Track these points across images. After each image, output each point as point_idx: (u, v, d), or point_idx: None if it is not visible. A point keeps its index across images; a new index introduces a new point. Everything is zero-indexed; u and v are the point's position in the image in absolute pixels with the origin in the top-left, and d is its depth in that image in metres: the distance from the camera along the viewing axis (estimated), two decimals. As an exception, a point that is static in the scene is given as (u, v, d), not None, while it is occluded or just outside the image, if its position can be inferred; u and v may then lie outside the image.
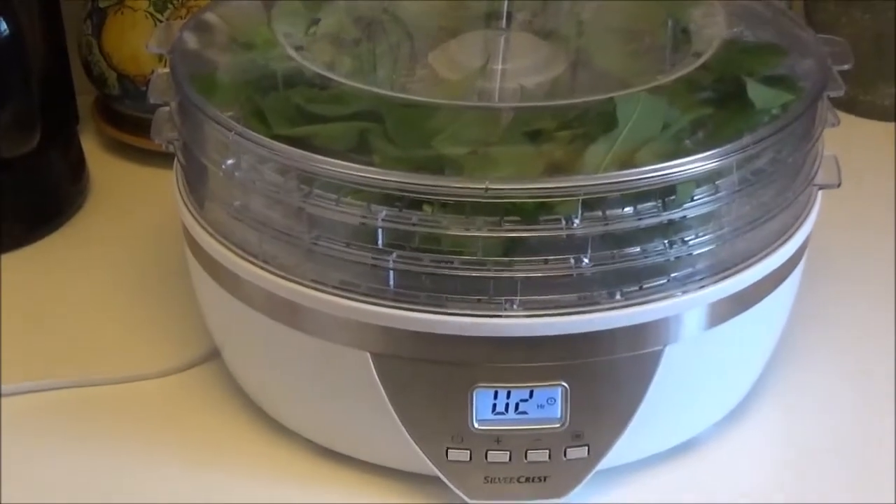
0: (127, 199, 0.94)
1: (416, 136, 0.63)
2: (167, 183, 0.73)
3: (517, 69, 0.72)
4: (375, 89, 0.67)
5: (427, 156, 0.62)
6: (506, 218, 0.60)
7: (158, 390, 0.75)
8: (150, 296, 0.82)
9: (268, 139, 0.62)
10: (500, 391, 0.63)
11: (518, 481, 0.65)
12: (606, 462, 0.65)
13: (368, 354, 0.63)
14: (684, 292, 0.63)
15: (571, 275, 0.61)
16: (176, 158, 0.72)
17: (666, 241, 0.62)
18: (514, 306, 0.61)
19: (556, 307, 0.61)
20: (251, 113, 0.65)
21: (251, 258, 0.65)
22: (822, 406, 0.74)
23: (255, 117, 0.65)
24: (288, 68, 0.69)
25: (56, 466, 0.69)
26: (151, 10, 0.93)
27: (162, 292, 0.82)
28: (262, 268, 0.64)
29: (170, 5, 0.93)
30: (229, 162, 0.65)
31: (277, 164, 0.63)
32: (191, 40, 0.73)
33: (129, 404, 0.74)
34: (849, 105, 1.00)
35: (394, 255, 0.61)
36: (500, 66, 0.72)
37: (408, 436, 0.64)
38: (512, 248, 0.61)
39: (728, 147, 0.62)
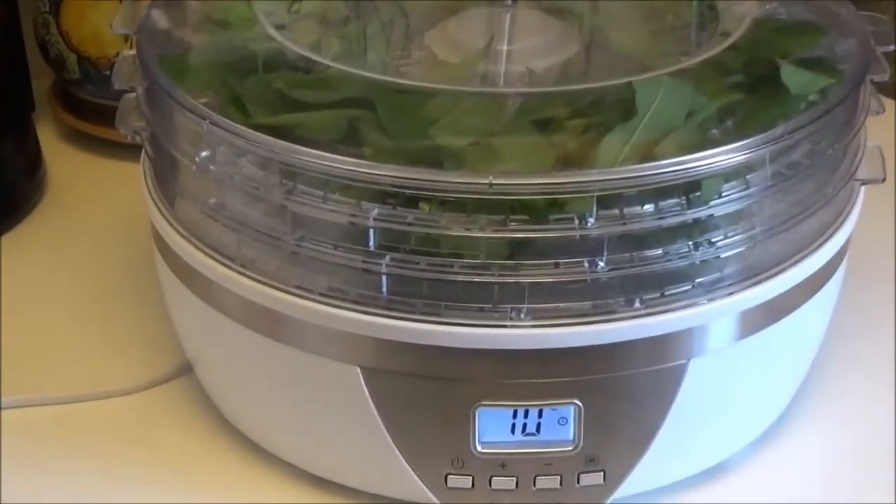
0: (88, 196, 0.94)
1: (412, 126, 0.63)
2: (133, 178, 0.73)
3: (524, 50, 0.72)
4: (366, 73, 0.67)
5: (424, 147, 0.62)
6: (512, 217, 0.60)
7: (124, 409, 0.75)
8: (113, 304, 0.82)
9: (246, 129, 0.63)
10: (505, 410, 0.63)
11: (526, 511, 0.65)
12: (624, 489, 0.66)
13: (358, 369, 0.63)
14: (711, 300, 0.63)
15: (585, 280, 0.61)
16: (143, 150, 0.72)
17: (690, 243, 0.62)
18: (522, 315, 0.61)
19: (567, 316, 0.61)
20: (228, 99, 0.65)
21: (228, 262, 0.65)
22: (867, 425, 0.74)
23: (231, 104, 0.65)
24: (268, 49, 0.69)
25: (5, 494, 0.69)
26: (116, -16, 0.93)
27: (127, 300, 0.82)
28: (239, 273, 0.64)
29: (136, -21, 0.93)
30: (203, 154, 0.65)
31: (257, 156, 0.63)
32: (160, 19, 0.73)
33: (92, 425, 0.74)
34: (894, 90, 1.00)
35: (387, 258, 0.61)
36: (505, 47, 0.72)
37: (403, 460, 0.65)
38: (519, 250, 0.61)
39: (760, 137, 0.62)
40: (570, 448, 0.64)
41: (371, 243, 0.61)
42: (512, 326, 0.61)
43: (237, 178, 0.64)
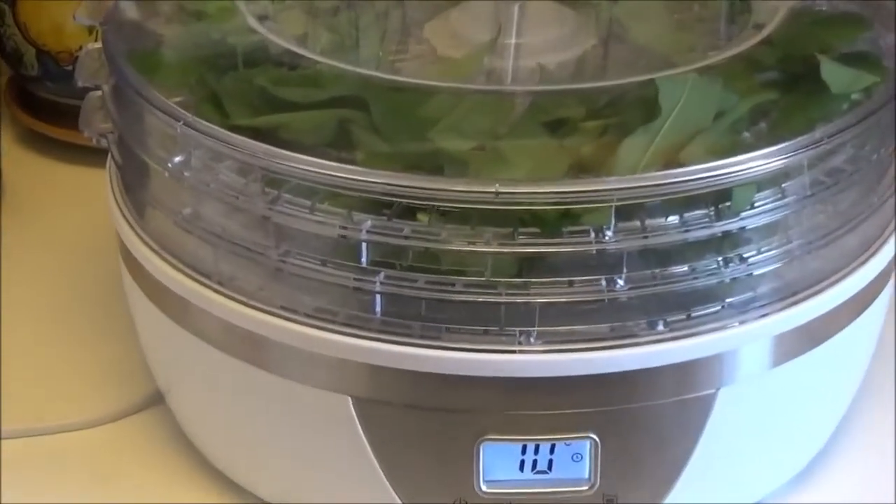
0: (48, 206, 0.94)
1: (409, 127, 0.63)
2: (99, 185, 0.73)
3: (535, 44, 0.72)
4: (358, 69, 0.67)
5: (422, 151, 0.62)
6: (520, 229, 0.60)
7: (87, 444, 0.75)
8: (75, 326, 0.82)
9: (225, 131, 0.63)
10: (513, 445, 0.63)
11: (536, 557, 0.65)
12: (646, 534, 0.66)
13: (349, 399, 0.63)
14: (742, 322, 0.63)
15: (602, 300, 0.61)
16: (110, 155, 0.72)
17: (720, 259, 0.62)
18: (532, 339, 0.61)
19: (583, 340, 0.61)
20: (204, 98, 0.65)
21: (203, 279, 0.65)
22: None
23: (208, 104, 0.65)
24: (250, 43, 0.69)
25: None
26: (79, -30, 0.93)
27: (90, 321, 0.82)
28: (217, 291, 0.64)
29: (102, -36, 0.93)
30: (177, 159, 0.65)
31: (237, 161, 0.63)
32: (129, 9, 0.73)
33: (51, 461, 0.74)
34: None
35: (381, 275, 0.61)
36: (513, 41, 0.72)
37: (399, 501, 0.65)
38: (528, 266, 0.61)
39: (797, 141, 0.62)
40: (586, 487, 0.64)
41: (363, 259, 0.61)
42: (521, 352, 0.61)
43: (214, 186, 0.64)
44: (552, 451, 0.63)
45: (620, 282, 0.61)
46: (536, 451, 0.63)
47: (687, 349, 0.62)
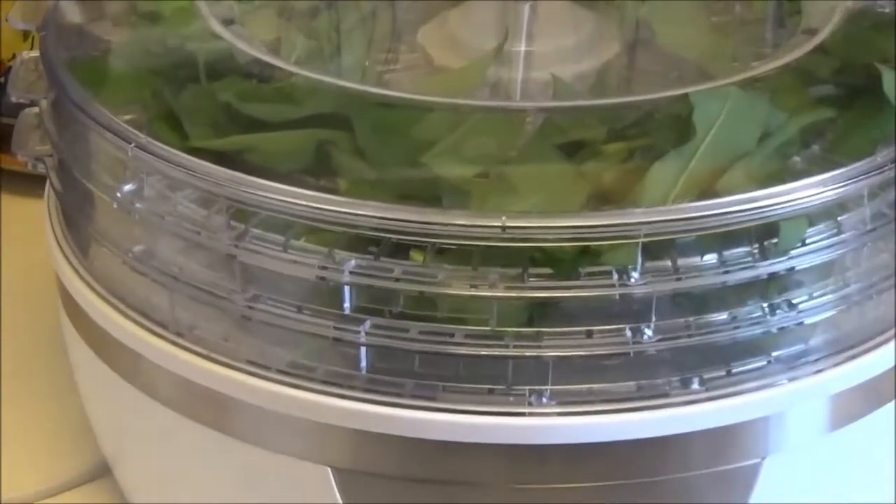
0: (-25, 241, 0.94)
1: (401, 151, 0.63)
2: (35, 218, 0.73)
3: (548, 52, 0.72)
4: (340, 82, 0.67)
5: (416, 179, 0.62)
6: (531, 270, 0.60)
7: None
8: (7, 385, 0.82)
9: (183, 154, 0.63)
10: (522, 524, 0.63)
11: None
12: None
13: (329, 470, 0.63)
14: (792, 380, 0.63)
15: (627, 354, 0.61)
16: (48, 182, 0.72)
17: (765, 305, 0.62)
18: (544, 400, 0.61)
19: (604, 401, 0.61)
20: (159, 116, 0.66)
21: (158, 329, 0.65)
22: None
23: (164, 122, 0.65)
24: (213, 51, 0.70)
25: None
26: (13, -34, 0.94)
27: (25, 380, 0.82)
28: (174, 343, 0.64)
29: (40, -42, 0.94)
30: (127, 188, 0.65)
31: (198, 190, 0.63)
32: (71, 10, 0.73)
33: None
34: None
35: (367, 324, 0.61)
36: (522, 48, 0.72)
37: (387, 590, 0.65)
38: (540, 314, 0.61)
39: (856, 167, 0.62)
40: (608, 574, 0.64)
41: (346, 305, 0.61)
42: (531, 414, 0.61)
43: (171, 219, 0.64)
44: (568, 531, 0.63)
45: (648, 332, 0.61)
46: (550, 531, 0.64)
47: (727, 411, 0.62)
